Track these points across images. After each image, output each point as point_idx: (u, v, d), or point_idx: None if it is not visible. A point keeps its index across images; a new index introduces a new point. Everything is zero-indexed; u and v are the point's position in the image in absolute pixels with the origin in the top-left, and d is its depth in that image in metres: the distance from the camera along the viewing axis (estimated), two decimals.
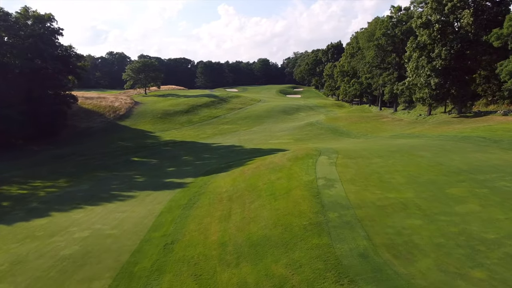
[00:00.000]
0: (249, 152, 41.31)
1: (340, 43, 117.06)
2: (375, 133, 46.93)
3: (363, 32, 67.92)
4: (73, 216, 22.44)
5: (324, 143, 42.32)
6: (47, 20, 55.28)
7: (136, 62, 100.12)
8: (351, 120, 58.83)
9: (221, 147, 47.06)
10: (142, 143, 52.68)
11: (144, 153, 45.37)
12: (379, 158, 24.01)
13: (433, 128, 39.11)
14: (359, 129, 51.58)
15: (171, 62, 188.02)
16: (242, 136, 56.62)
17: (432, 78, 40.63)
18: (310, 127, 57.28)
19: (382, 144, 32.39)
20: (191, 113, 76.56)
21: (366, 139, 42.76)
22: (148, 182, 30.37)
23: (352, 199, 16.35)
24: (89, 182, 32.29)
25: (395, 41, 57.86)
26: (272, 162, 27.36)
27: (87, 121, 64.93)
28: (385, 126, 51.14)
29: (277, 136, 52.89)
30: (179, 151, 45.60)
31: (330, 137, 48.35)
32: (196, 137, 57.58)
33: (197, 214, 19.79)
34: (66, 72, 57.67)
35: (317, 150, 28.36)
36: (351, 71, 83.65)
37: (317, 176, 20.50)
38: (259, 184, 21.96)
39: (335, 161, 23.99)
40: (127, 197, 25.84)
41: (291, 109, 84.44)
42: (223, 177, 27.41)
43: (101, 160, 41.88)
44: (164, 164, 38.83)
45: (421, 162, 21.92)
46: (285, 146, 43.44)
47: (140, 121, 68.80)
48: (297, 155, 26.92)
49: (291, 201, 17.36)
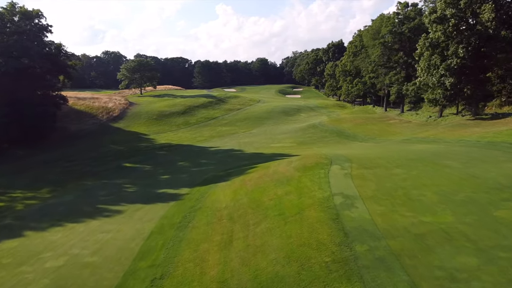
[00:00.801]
0: (249, 157, 38.41)
1: (342, 41, 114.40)
2: (383, 136, 44.12)
3: (367, 30, 65.14)
4: (50, 237, 19.45)
5: (330, 148, 39.48)
6: (35, 16, 52.13)
7: (131, 61, 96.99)
8: (355, 122, 56.01)
9: (219, 151, 44.10)
10: (135, 147, 49.64)
11: (137, 158, 42.35)
12: (400, 169, 21.16)
13: (448, 131, 36.31)
14: (365, 131, 48.75)
15: (168, 61, 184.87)
16: (242, 139, 53.70)
17: (446, 78, 37.85)
18: (313, 129, 54.41)
19: (397, 150, 29.55)
20: (188, 114, 73.57)
21: (376, 143, 39.94)
22: (139, 193, 27.39)
23: (381, 224, 13.45)
24: (74, 192, 29.28)
25: (402, 39, 55.08)
26: (277, 172, 24.48)
27: (79, 123, 61.80)
28: (393, 129, 48.34)
29: (279, 139, 50.00)
30: (175, 156, 42.63)
31: (335, 140, 45.51)
32: (193, 140, 54.60)
33: (193, 237, 16.85)
34: (55, 71, 54.54)
35: (327, 157, 25.49)
36: (353, 70, 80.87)
37: (332, 191, 17.60)
38: (264, 200, 19.04)
39: (350, 171, 21.10)
40: (114, 212, 22.85)
41: (291, 110, 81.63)
42: (222, 188, 24.49)
43: (90, 166, 38.83)
44: (158, 170, 35.85)
45: (450, 174, 19.05)
46: (288, 150, 40.57)
47: (134, 122, 65.72)
48: (305, 164, 24.03)
49: (306, 226, 14.44)
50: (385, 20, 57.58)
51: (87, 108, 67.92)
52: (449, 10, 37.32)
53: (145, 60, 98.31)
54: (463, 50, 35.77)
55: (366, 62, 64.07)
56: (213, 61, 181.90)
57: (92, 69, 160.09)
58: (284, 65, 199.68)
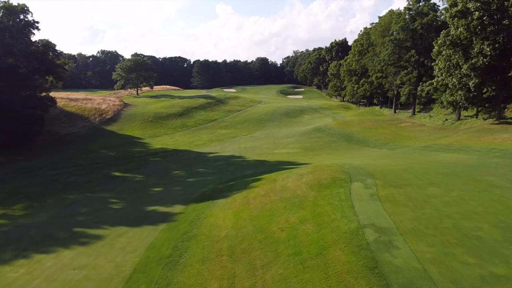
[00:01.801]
0: (252, 165, 34.78)
1: (345, 40, 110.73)
2: (397, 141, 40.52)
3: (375, 27, 61.48)
4: (9, 275, 15.78)
5: (341, 155, 35.86)
6: (20, 12, 48.43)
7: (127, 60, 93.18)
8: (364, 125, 52.36)
9: (218, 158, 40.46)
10: (128, 153, 45.97)
11: (128, 166, 38.67)
12: (436, 187, 17.54)
13: (474, 137, 32.69)
14: (376, 136, 45.14)
15: (167, 61, 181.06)
16: (243, 143, 50.06)
17: (469, 79, 34.22)
18: (319, 133, 50.76)
19: (421, 160, 25.94)
20: (185, 116, 69.89)
21: (390, 149, 36.31)
22: (125, 211, 23.73)
23: (439, 279, 9.82)
24: (52, 209, 25.61)
25: (414, 36, 51.44)
26: (285, 188, 20.86)
27: (69, 126, 58.10)
28: (407, 133, 44.72)
29: (283, 144, 46.34)
30: (170, 164, 38.96)
31: (344, 146, 41.87)
32: (190, 144, 50.94)
33: (184, 280, 13.19)
34: (43, 71, 50.80)
35: (343, 171, 21.88)
36: (359, 70, 77.28)
37: (360, 221, 13.97)
38: (274, 229, 15.41)
39: (376, 191, 17.47)
40: (93, 238, 19.18)
41: (294, 111, 77.98)
42: (222, 208, 20.84)
43: (75, 175, 35.14)
44: (150, 181, 32.17)
45: (503, 197, 15.45)
46: (294, 158, 36.97)
47: (128, 125, 62.04)
48: (319, 180, 20.38)
49: (333, 277, 10.79)
50: (395, 16, 53.99)
51: (79, 109, 64.22)
52: (472, 3, 33.67)
53: (142, 59, 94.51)
54: (490, 48, 32.14)
55: (374, 61, 60.43)
56: (212, 61, 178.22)
57: (88, 68, 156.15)
58: (284, 64, 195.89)
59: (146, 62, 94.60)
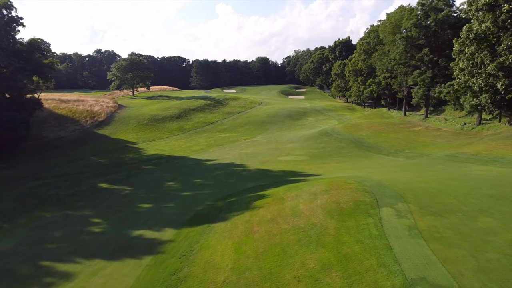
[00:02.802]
0: (254, 176, 31.17)
1: (349, 39, 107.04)
2: (414, 148, 36.91)
3: (384, 24, 57.80)
4: None
5: (353, 164, 32.26)
6: (2, 7, 44.77)
7: (123, 60, 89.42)
8: (374, 129, 48.74)
9: (217, 166, 36.85)
10: (119, 160, 42.35)
11: (117, 176, 35.05)
12: (488, 216, 13.97)
13: (504, 145, 29.09)
14: (389, 141, 41.54)
15: (165, 60, 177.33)
16: (243, 148, 46.45)
17: (497, 79, 30.63)
18: (326, 137, 47.15)
19: (451, 175, 22.30)
20: (183, 118, 66.27)
21: (408, 158, 32.72)
22: (106, 236, 20.11)
23: None
24: (22, 231, 21.99)
25: (428, 33, 47.83)
26: (297, 212, 17.28)
27: (58, 129, 54.45)
28: (422, 138, 41.12)
29: (287, 149, 42.72)
30: (163, 173, 35.34)
31: (355, 153, 38.26)
32: (187, 150, 47.33)
33: None
34: (28, 71, 47.14)
35: (365, 189, 18.33)
36: (365, 70, 73.67)
37: (405, 273, 10.37)
38: (287, 278, 11.81)
39: (414, 222, 13.87)
40: (61, 278, 15.58)
41: (297, 113, 74.35)
42: (220, 237, 17.24)
43: (57, 187, 31.52)
44: (140, 195, 28.55)
45: None
46: (301, 166, 33.35)
47: (122, 128, 58.40)
48: (338, 203, 16.78)
49: None
50: (407, 12, 50.37)
51: (70, 112, 60.56)
52: None
53: (138, 59, 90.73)
54: None
55: (384, 60, 56.73)
56: (211, 60, 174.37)
57: (85, 68, 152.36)
58: (285, 64, 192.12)
59: (142, 61, 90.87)
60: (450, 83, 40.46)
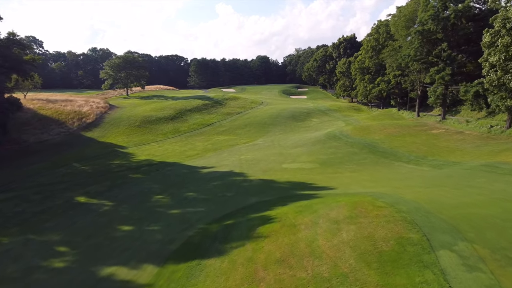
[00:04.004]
0: (256, 188, 26.75)
1: (354, 36, 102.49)
2: (437, 155, 32.49)
3: (397, 17, 53.23)
4: None
5: (371, 174, 27.85)
6: None
7: (116, 57, 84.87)
8: (387, 132, 44.33)
9: (214, 175, 32.42)
10: (104, 167, 37.89)
11: (100, 187, 30.61)
12: None
13: None
14: (406, 146, 37.13)
15: (162, 59, 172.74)
16: (243, 153, 42.03)
17: None
18: (335, 141, 42.72)
19: (501, 191, 17.87)
20: (178, 119, 61.82)
21: (435, 167, 28.28)
22: (67, 277, 15.67)
23: None
24: None
25: (446, 26, 43.39)
26: (316, 250, 12.90)
27: (41, 132, 49.96)
28: (445, 143, 36.69)
29: (292, 155, 38.28)
30: (152, 184, 30.91)
31: (370, 160, 33.83)
32: (181, 155, 42.89)
33: None
34: (6, 68, 42.66)
35: (404, 217, 13.98)
36: (373, 67, 69.23)
37: None
38: None
39: (495, 279, 9.46)
40: None
41: (300, 113, 69.92)
42: (213, 285, 12.81)
43: (27, 202, 27.06)
44: (121, 212, 24.13)
45: None
46: (310, 176, 28.93)
47: (111, 131, 53.93)
48: (373, 241, 12.37)
49: None
50: (422, 3, 45.91)
51: (56, 113, 56.05)
52: None
53: (132, 56, 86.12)
54: None
55: (398, 56, 52.08)
56: (210, 59, 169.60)
57: (79, 67, 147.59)
58: (286, 63, 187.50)
59: (137, 59, 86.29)
60: (479, 81, 36.06)
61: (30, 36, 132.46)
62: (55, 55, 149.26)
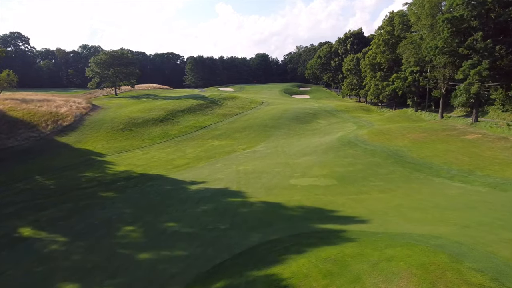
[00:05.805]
0: (259, 218, 19.95)
1: (361, 30, 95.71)
2: (487, 168, 25.79)
3: (418, 5, 46.20)
4: None
5: (410, 197, 21.15)
6: None
7: (103, 53, 77.86)
8: (412, 137, 37.61)
9: (204, 194, 25.63)
10: (72, 181, 31.06)
11: (56, 211, 23.80)
12: None
13: None
14: (440, 156, 30.40)
15: (157, 57, 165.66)
16: (242, 163, 35.26)
17: None
18: (351, 148, 35.97)
19: None
20: (168, 122, 55.03)
21: (494, 187, 21.59)
22: None
23: None
24: None
25: (481, 12, 36.70)
26: None
27: (7, 137, 43.07)
28: (488, 152, 29.96)
29: (301, 166, 31.45)
30: (124, 207, 24.10)
31: (400, 174, 27.07)
32: (167, 165, 36.13)
33: None
34: None
35: None
36: (385, 63, 62.52)
37: None
38: None
39: None
40: None
41: (305, 115, 63.19)
42: None
43: None
44: (71, 257, 17.33)
45: None
46: (328, 198, 22.19)
47: (90, 135, 47.07)
48: None
49: None
50: None
51: (28, 114, 49.12)
52: None
53: (120, 52, 79.18)
54: None
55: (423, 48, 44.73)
56: (207, 57, 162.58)
57: (69, 66, 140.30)
58: (287, 61, 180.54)
59: (125, 55, 79.32)
60: None
61: (15, 32, 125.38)
62: (44, 53, 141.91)
